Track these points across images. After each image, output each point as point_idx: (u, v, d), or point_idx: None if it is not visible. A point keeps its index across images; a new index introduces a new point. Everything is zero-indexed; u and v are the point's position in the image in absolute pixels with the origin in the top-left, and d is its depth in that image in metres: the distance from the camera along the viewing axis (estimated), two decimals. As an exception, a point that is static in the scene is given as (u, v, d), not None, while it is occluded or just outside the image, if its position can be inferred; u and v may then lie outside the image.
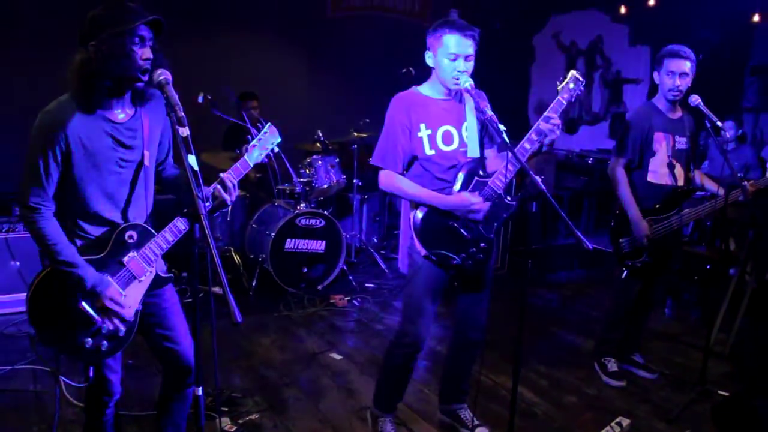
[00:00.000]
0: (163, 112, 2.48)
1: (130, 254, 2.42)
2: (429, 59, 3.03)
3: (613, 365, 4.21)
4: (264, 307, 5.30)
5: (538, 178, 2.52)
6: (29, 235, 2.32)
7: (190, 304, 5.27)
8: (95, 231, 2.40)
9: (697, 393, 3.85)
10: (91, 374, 2.51)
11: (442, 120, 3.08)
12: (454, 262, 3.04)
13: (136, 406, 3.56)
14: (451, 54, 2.89)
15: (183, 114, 2.13)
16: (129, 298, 2.43)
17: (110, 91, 2.29)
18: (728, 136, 6.51)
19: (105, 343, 2.42)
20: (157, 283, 2.53)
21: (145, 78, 2.26)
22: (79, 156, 2.27)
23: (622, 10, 9.03)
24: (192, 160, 2.08)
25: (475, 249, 3.07)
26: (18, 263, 4.90)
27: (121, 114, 2.36)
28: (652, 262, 3.96)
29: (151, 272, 2.49)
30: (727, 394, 3.80)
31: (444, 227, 3.04)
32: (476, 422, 3.42)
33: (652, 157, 3.91)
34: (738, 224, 5.02)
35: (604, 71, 9.81)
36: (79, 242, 2.38)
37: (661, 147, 3.89)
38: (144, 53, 2.23)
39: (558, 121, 2.93)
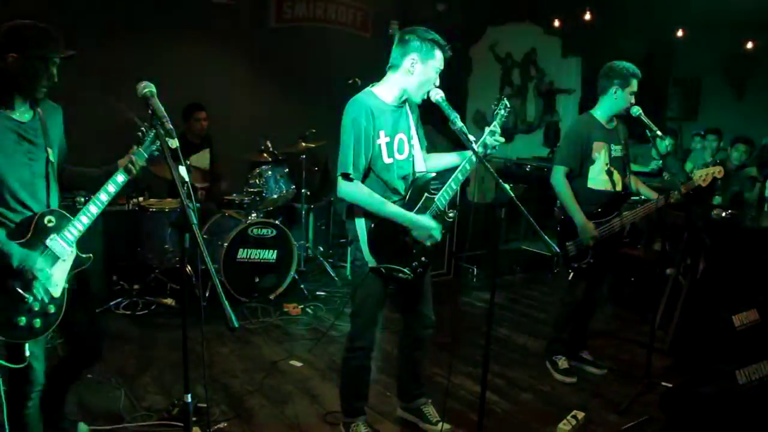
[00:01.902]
0: (59, 119, 2.80)
1: (51, 236, 2.60)
2: (413, 65, 3.02)
3: (564, 363, 4.42)
4: (218, 317, 5.18)
5: (507, 186, 2.67)
6: None
7: (143, 316, 5.24)
8: (17, 218, 2.58)
9: (644, 385, 4.09)
10: (27, 353, 2.61)
11: (398, 127, 3.15)
12: (402, 276, 3.15)
13: (100, 419, 3.53)
14: (438, 68, 3.05)
15: (171, 126, 2.18)
16: (55, 277, 2.60)
17: (17, 97, 2.56)
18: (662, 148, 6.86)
19: (37, 320, 2.57)
20: (79, 262, 2.75)
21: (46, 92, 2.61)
22: None
23: (556, 23, 9.40)
24: (183, 171, 2.12)
25: (417, 263, 3.20)
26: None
27: (23, 115, 2.61)
28: (596, 263, 4.19)
29: (72, 251, 2.69)
30: (670, 385, 4.04)
31: (394, 240, 3.12)
32: (438, 418, 3.55)
33: (591, 165, 4.14)
34: (673, 227, 5.30)
35: (538, 82, 10.18)
36: (3, 230, 2.55)
37: (600, 155, 4.13)
38: (54, 74, 2.57)
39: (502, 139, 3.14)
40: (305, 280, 6.31)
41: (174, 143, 2.15)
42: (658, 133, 3.95)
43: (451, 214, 3.23)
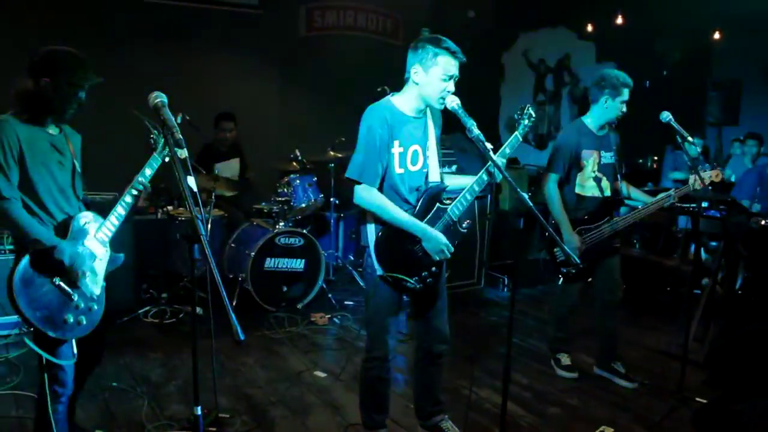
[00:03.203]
0: (78, 141, 3.02)
1: (88, 237, 2.81)
2: (415, 75, 2.99)
3: (566, 359, 4.50)
4: (245, 327, 5.20)
5: (525, 195, 2.60)
6: (4, 227, 2.89)
7: (171, 324, 5.27)
8: (55, 221, 2.80)
9: (676, 400, 3.95)
10: (75, 350, 2.83)
11: (413, 138, 3.10)
12: (409, 285, 3.09)
13: (122, 427, 3.54)
14: (446, 75, 2.94)
15: (180, 136, 2.17)
16: (95, 275, 2.84)
17: (51, 115, 2.80)
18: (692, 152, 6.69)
19: (83, 317, 2.78)
20: (113, 261, 2.97)
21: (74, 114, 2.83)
22: (29, 155, 2.69)
23: (589, 28, 9.26)
24: (191, 181, 2.11)
25: (426, 273, 3.13)
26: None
27: (53, 130, 2.86)
28: (586, 267, 4.22)
29: (106, 251, 2.91)
30: (704, 400, 3.90)
31: (402, 249, 3.07)
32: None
33: (580, 173, 4.21)
34: (709, 236, 5.16)
35: (573, 88, 10.03)
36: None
37: (588, 162, 4.19)
38: (82, 99, 2.79)
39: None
40: (333, 290, 6.28)
41: (183, 153, 2.14)
42: (689, 138, 3.87)
43: (465, 225, 3.17)
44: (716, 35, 8.71)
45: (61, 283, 2.68)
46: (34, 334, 2.70)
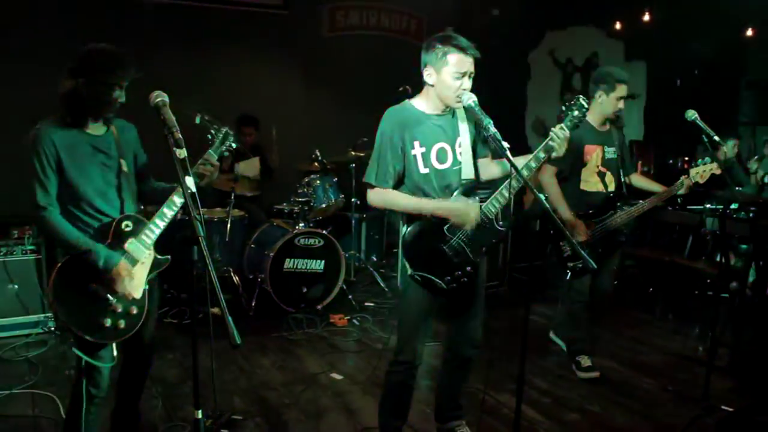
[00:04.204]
0: (132, 135, 2.98)
1: (130, 240, 2.76)
2: (428, 76, 2.95)
3: (586, 361, 4.46)
4: (264, 328, 5.26)
5: (542, 197, 2.52)
6: (43, 234, 2.92)
7: (189, 325, 5.27)
8: (94, 223, 2.75)
9: (701, 409, 3.82)
10: (115, 353, 2.81)
11: (437, 137, 3.03)
12: (439, 285, 3.01)
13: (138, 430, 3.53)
14: (458, 73, 2.87)
15: (180, 135, 2.14)
16: (136, 279, 2.77)
17: (88, 116, 2.72)
18: (728, 155, 6.54)
19: (122, 321, 2.75)
20: (157, 264, 2.90)
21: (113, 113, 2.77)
22: (68, 162, 2.65)
23: (618, 26, 9.09)
24: (189, 181, 2.08)
25: (460, 272, 3.04)
26: (16, 286, 4.86)
27: (97, 130, 2.78)
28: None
29: (150, 254, 2.85)
30: (730, 409, 3.77)
31: (432, 249, 3.00)
32: None
33: (584, 168, 4.27)
34: (738, 238, 5.01)
35: (601, 87, 9.83)
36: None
37: (591, 158, 4.25)
38: (120, 97, 2.70)
39: (567, 133, 2.96)
40: (354, 291, 6.24)
41: (182, 153, 2.12)
42: (715, 138, 3.77)
43: (502, 224, 3.05)
44: (750, 32, 8.48)
45: (98, 287, 2.67)
46: (74, 337, 2.71)
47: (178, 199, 2.82)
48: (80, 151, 2.70)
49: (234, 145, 2.46)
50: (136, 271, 2.78)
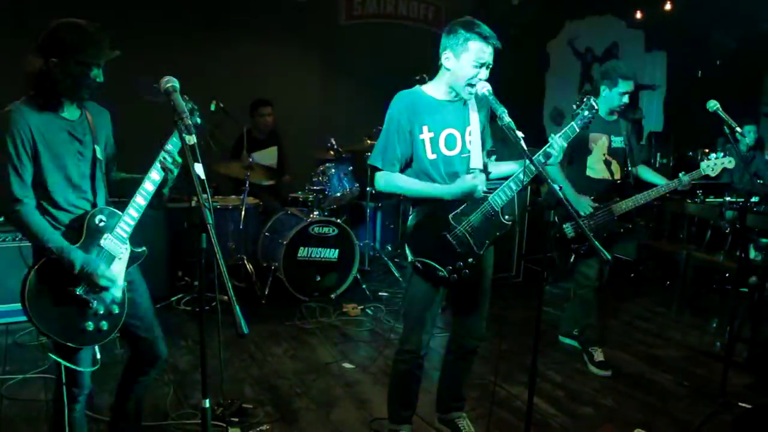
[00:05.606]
0: (106, 120, 2.75)
1: (105, 236, 2.57)
2: (446, 60, 2.90)
3: (599, 354, 4.43)
4: (276, 316, 5.25)
5: (556, 187, 2.47)
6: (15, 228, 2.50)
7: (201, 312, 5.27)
8: (64, 217, 2.56)
9: (718, 405, 3.76)
10: (98, 356, 2.68)
11: (446, 122, 2.99)
12: (440, 274, 2.96)
13: (147, 415, 3.52)
14: (477, 61, 2.83)
15: (190, 122, 2.11)
16: (114, 276, 2.59)
17: (63, 98, 2.51)
18: (747, 140, 6.42)
19: (104, 323, 2.59)
20: (134, 257, 2.70)
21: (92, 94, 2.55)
22: (43, 148, 2.45)
23: (638, 15, 8.95)
24: (199, 168, 2.05)
25: (462, 263, 2.99)
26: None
27: (71, 114, 2.57)
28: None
29: (126, 248, 2.65)
30: (748, 405, 3.71)
31: (435, 237, 2.96)
32: None
33: (589, 155, 4.36)
34: (758, 232, 4.92)
35: (620, 77, 9.70)
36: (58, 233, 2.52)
37: (597, 146, 4.35)
38: (98, 76, 2.49)
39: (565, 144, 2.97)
40: (369, 280, 6.22)
41: (191, 140, 2.09)
42: (738, 129, 3.71)
43: (508, 218, 3.02)
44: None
45: (76, 291, 2.48)
46: (53, 343, 2.55)
47: (151, 187, 2.59)
48: (56, 137, 2.50)
49: (192, 141, 2.12)
50: (113, 268, 2.59)
